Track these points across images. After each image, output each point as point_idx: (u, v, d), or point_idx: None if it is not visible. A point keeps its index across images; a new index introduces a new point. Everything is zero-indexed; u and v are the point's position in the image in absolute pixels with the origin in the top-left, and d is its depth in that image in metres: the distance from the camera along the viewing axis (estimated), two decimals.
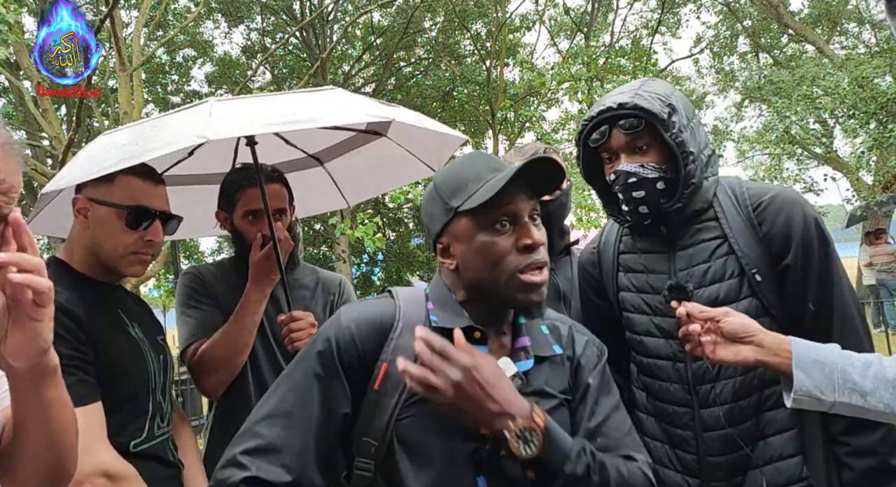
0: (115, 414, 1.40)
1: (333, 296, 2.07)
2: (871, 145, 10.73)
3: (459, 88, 15.83)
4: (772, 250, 1.40)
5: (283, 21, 16.78)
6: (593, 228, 11.63)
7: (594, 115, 1.48)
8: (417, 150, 2.35)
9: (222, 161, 2.29)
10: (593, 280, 1.67)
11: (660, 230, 1.50)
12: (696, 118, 1.47)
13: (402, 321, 1.12)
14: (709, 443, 1.41)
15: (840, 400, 1.12)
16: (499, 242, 1.07)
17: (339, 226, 7.88)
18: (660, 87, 1.46)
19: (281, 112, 1.65)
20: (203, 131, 1.47)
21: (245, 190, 1.90)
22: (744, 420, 1.39)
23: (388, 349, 1.10)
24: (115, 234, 1.50)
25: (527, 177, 1.09)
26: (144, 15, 11.08)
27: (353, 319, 1.13)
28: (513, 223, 1.09)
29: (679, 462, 1.46)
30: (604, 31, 18.06)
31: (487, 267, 1.08)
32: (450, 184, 1.13)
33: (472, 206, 1.08)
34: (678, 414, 1.45)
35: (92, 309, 1.43)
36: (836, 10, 16.62)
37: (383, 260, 18.15)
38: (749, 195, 1.45)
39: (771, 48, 18.09)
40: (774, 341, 1.19)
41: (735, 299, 1.40)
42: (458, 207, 1.10)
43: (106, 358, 1.41)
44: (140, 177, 1.55)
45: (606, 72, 14.23)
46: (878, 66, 10.90)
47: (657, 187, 1.43)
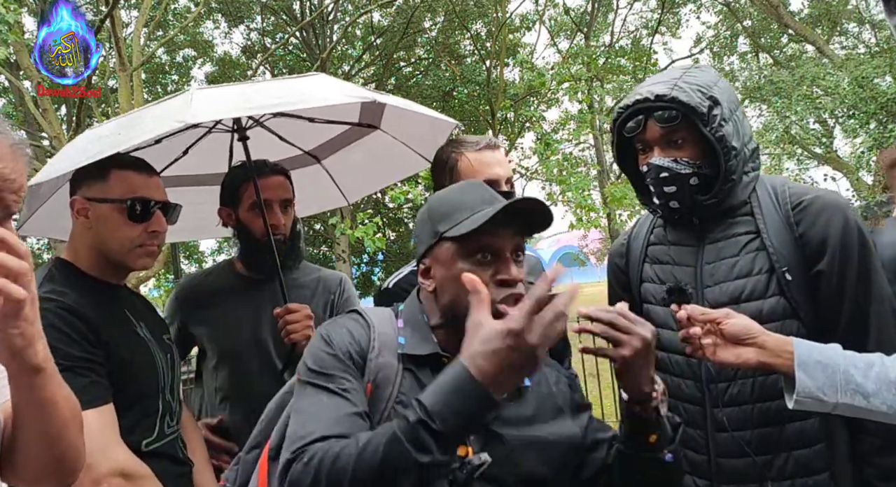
0: (127, 414, 1.40)
1: (334, 295, 2.08)
2: (871, 145, 10.74)
3: (459, 88, 15.82)
4: (806, 252, 1.33)
5: (283, 21, 16.77)
6: (593, 228, 11.64)
7: (630, 104, 1.42)
8: (412, 141, 2.35)
9: (217, 162, 2.29)
10: (621, 273, 1.62)
11: (692, 222, 1.45)
12: (740, 110, 1.40)
13: (378, 342, 1.14)
14: (721, 445, 1.35)
15: (843, 402, 1.11)
16: (477, 273, 1.06)
17: (339, 226, 7.89)
18: (703, 77, 1.38)
19: (264, 96, 1.66)
20: (183, 115, 1.48)
21: (251, 183, 1.92)
22: (762, 424, 1.32)
23: (370, 369, 1.10)
24: (119, 229, 1.51)
25: (518, 214, 1.11)
26: (144, 15, 11.07)
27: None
28: (494, 257, 1.11)
29: (688, 463, 1.40)
30: (604, 31, 18.07)
31: (462, 294, 1.03)
32: (441, 208, 1.16)
33: (456, 235, 1.11)
34: (689, 412, 1.40)
35: (101, 310, 1.44)
36: (836, 10, 16.62)
37: (383, 260, 18.13)
38: (790, 193, 1.39)
39: (771, 48, 18.09)
40: (776, 342, 1.18)
41: (761, 296, 1.34)
42: (444, 233, 1.13)
43: (117, 358, 1.41)
44: (134, 169, 1.55)
45: (606, 72, 14.24)
46: (878, 65, 10.91)
47: (690, 183, 1.38)
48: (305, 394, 1.08)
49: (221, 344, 1.93)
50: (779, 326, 1.31)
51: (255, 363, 1.91)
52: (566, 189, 10.65)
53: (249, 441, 1.28)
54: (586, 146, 15.83)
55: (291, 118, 2.15)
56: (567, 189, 10.63)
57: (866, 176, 14.46)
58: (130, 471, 1.31)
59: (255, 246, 1.92)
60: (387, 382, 1.09)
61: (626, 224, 12.51)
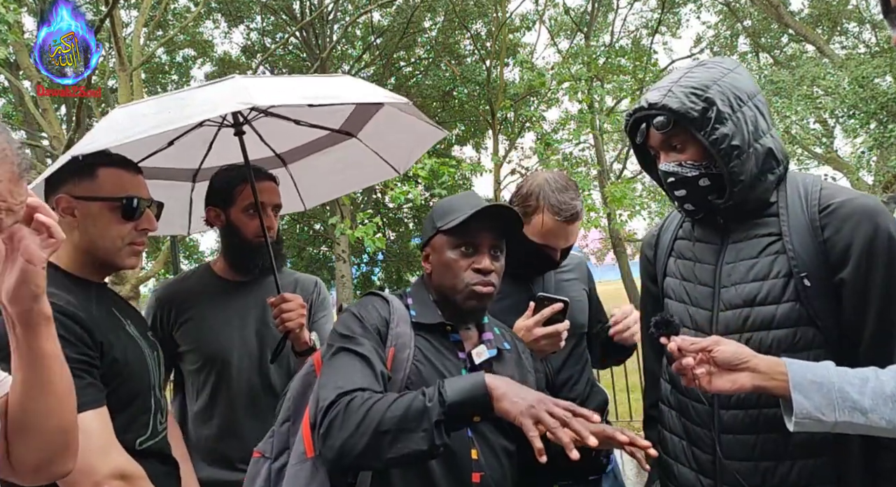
0: (122, 413, 1.40)
1: (312, 296, 2.12)
2: (872, 145, 10.75)
3: (459, 88, 15.82)
4: (830, 258, 1.27)
5: (283, 21, 16.77)
6: (593, 228, 11.64)
7: (631, 114, 1.44)
8: (386, 151, 2.37)
9: (191, 159, 2.28)
10: (649, 264, 1.62)
11: (717, 220, 1.43)
12: (753, 102, 1.34)
13: (397, 315, 1.42)
14: (727, 446, 1.35)
15: (842, 420, 1.09)
16: (459, 261, 1.41)
17: (339, 226, 7.88)
18: (702, 76, 1.34)
19: (309, 87, 1.73)
20: (247, 97, 1.52)
21: (247, 185, 1.94)
22: (768, 430, 1.30)
23: (392, 336, 1.38)
24: (110, 227, 1.49)
25: (497, 219, 1.41)
26: (144, 15, 11.08)
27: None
28: (475, 250, 1.42)
29: (695, 461, 1.42)
30: (604, 31, 18.06)
31: (448, 277, 1.42)
32: (443, 209, 1.48)
33: (448, 228, 1.41)
34: (697, 411, 1.41)
35: (91, 310, 1.43)
36: (836, 9, 16.63)
37: (383, 260, 18.14)
38: (821, 195, 1.33)
39: (771, 48, 18.10)
40: (769, 364, 1.16)
41: (775, 301, 1.30)
42: (441, 227, 1.44)
43: (111, 358, 1.41)
44: (123, 168, 1.54)
45: (606, 72, 14.24)
46: (879, 65, 10.92)
47: (700, 185, 1.36)
48: (339, 357, 1.31)
49: (206, 348, 1.93)
50: (792, 332, 1.28)
51: (244, 365, 1.92)
52: None
53: (280, 416, 1.44)
54: (586, 146, 15.83)
55: (278, 118, 2.16)
56: None
57: (867, 176, 14.47)
58: (129, 473, 1.31)
59: (246, 247, 1.95)
60: (404, 347, 1.36)
61: (627, 224, 12.53)
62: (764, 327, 1.31)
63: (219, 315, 1.96)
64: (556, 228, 1.77)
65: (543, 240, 1.77)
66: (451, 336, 1.43)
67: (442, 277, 1.43)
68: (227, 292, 1.99)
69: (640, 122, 1.43)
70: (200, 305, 1.96)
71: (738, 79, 1.35)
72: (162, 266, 10.55)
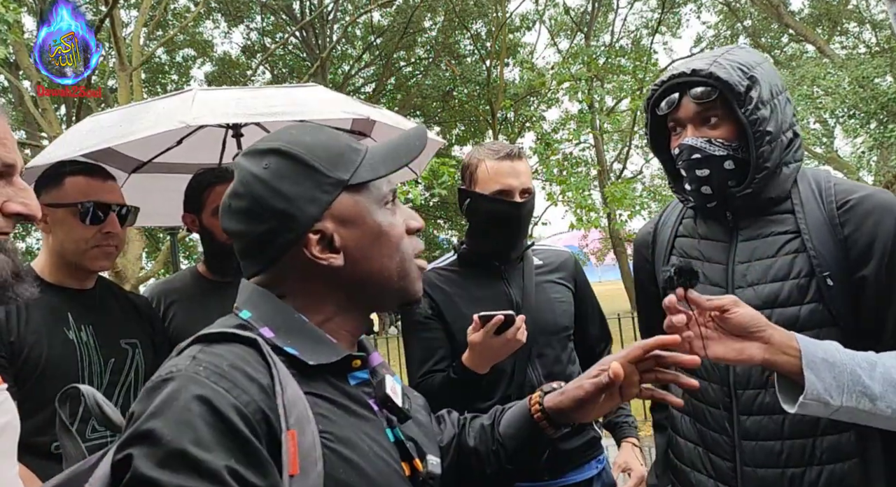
0: (38, 414, 1.42)
1: None
2: (872, 145, 10.76)
3: (459, 88, 15.83)
4: (850, 256, 1.23)
5: (283, 21, 16.77)
6: (593, 228, 11.64)
7: (665, 80, 1.34)
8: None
9: (209, 152, 2.35)
10: (647, 263, 1.53)
11: (725, 215, 1.36)
12: (783, 95, 1.30)
13: (277, 368, 0.76)
14: (748, 453, 1.27)
15: (847, 405, 1.01)
16: (395, 223, 0.87)
17: None
18: (745, 57, 1.29)
19: (264, 104, 1.75)
20: (184, 117, 1.60)
21: (213, 187, 1.95)
22: (793, 436, 1.23)
23: (284, 412, 0.73)
24: (74, 231, 1.59)
25: None
26: (144, 15, 11.07)
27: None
28: (392, 201, 0.90)
29: (713, 468, 1.33)
30: (604, 31, 18.07)
31: (386, 254, 0.85)
32: (319, 152, 0.85)
33: (367, 179, 0.85)
34: (713, 416, 1.33)
35: (26, 311, 1.50)
36: (836, 9, 16.63)
37: None
38: (836, 191, 1.28)
39: (771, 48, 18.09)
40: (782, 337, 1.05)
41: (798, 302, 1.24)
42: (349, 180, 0.84)
43: (29, 357, 1.47)
44: (87, 175, 1.64)
45: (606, 71, 14.23)
46: (879, 65, 10.92)
47: (724, 167, 1.28)
48: None
49: None
50: (815, 334, 1.21)
51: None
52: (566, 189, 10.66)
53: None
54: (586, 146, 15.79)
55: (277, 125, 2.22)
56: (567, 189, 10.63)
57: (867, 176, 14.47)
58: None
59: (220, 249, 1.96)
60: (304, 421, 0.73)
61: (627, 224, 12.52)
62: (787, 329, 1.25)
63: (204, 315, 1.96)
64: (500, 167, 1.69)
65: (495, 185, 1.67)
66: (355, 375, 0.86)
67: (377, 259, 0.86)
68: (207, 292, 2.01)
69: (668, 93, 1.34)
70: (182, 303, 2.00)
71: (772, 70, 1.32)
72: (162, 266, 10.56)
